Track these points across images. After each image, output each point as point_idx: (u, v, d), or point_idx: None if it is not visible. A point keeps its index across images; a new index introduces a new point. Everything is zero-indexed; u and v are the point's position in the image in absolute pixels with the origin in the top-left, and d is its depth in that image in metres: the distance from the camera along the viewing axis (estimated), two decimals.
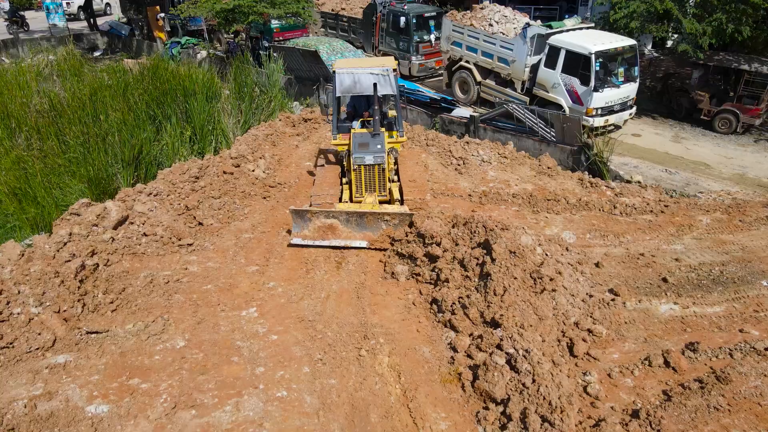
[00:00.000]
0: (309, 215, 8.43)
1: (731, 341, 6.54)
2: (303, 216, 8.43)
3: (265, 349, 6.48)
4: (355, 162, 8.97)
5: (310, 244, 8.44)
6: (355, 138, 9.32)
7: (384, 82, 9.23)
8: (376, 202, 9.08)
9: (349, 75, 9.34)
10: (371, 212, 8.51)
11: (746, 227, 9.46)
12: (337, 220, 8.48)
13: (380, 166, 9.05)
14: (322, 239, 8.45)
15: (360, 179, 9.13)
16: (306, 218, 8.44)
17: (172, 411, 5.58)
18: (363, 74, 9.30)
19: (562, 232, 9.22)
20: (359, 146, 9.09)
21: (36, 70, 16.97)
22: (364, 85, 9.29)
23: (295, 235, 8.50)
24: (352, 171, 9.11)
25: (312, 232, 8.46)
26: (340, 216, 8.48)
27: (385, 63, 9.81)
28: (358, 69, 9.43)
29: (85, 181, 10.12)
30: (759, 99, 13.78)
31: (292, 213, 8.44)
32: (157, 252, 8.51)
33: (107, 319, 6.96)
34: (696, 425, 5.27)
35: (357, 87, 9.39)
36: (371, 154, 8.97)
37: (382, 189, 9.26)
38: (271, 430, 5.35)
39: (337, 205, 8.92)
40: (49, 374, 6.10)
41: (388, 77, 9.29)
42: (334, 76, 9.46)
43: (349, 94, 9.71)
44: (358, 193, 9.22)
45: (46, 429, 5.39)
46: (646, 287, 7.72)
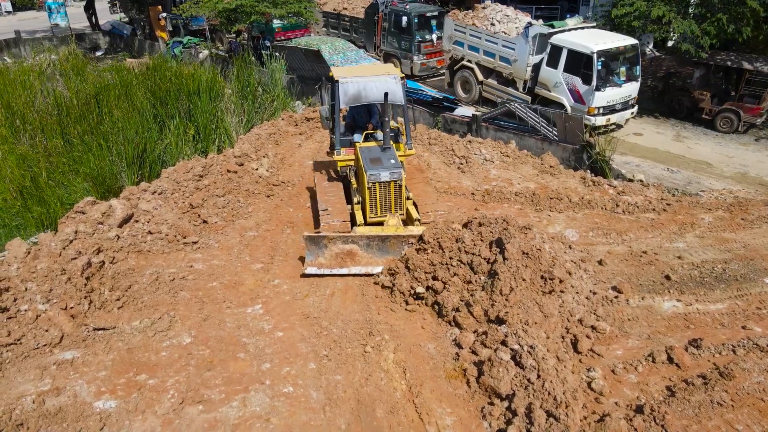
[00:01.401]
0: (325, 241, 7.68)
1: (734, 338, 6.58)
2: (318, 242, 7.66)
3: (271, 346, 6.52)
4: (370, 179, 8.02)
5: (327, 273, 7.70)
6: (363, 153, 8.55)
7: (394, 90, 8.48)
8: (400, 224, 8.24)
9: (354, 84, 8.55)
10: (395, 235, 7.78)
11: (748, 225, 9.50)
12: (357, 246, 7.75)
13: (397, 183, 8.13)
14: (339, 267, 7.69)
15: (375, 198, 8.17)
16: (321, 245, 7.67)
17: (179, 406, 5.63)
18: (370, 82, 8.56)
19: (564, 230, 9.26)
20: (371, 162, 8.26)
21: (39, 69, 17.02)
22: (371, 94, 8.54)
23: (309, 264, 7.70)
24: (365, 189, 8.13)
25: (328, 260, 7.72)
26: (359, 241, 7.77)
27: (389, 70, 9.18)
28: (363, 77, 8.67)
29: (89, 179, 10.16)
30: (760, 98, 13.79)
31: (306, 240, 7.61)
32: (163, 250, 8.56)
33: (114, 316, 7.01)
34: (700, 420, 5.31)
35: (363, 96, 8.57)
36: (387, 170, 8.08)
37: (399, 208, 8.34)
38: (278, 425, 5.40)
39: (357, 229, 8.14)
40: (56, 370, 6.14)
41: (397, 85, 8.60)
42: (336, 86, 8.59)
43: (355, 104, 8.79)
44: (373, 213, 8.29)
45: (55, 424, 5.43)
46: (649, 284, 7.76)
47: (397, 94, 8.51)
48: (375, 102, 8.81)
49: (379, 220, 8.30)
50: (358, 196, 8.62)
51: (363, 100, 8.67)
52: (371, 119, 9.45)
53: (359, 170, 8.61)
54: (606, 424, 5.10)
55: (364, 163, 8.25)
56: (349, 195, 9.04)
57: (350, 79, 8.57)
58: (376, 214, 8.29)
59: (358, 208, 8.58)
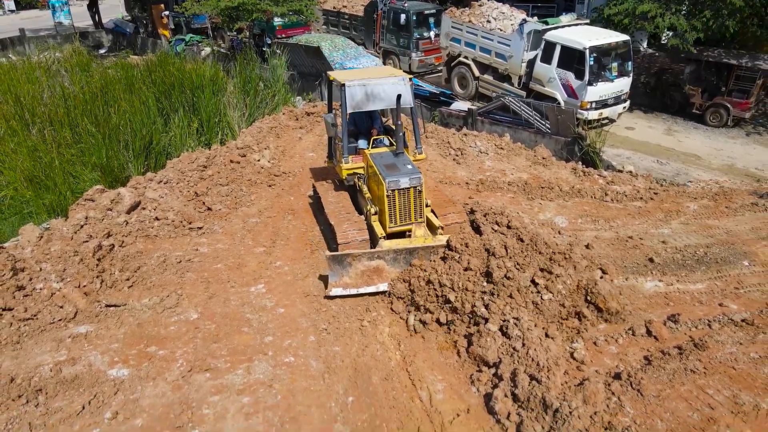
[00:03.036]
0: (350, 260, 7.17)
1: (711, 314, 6.96)
2: (342, 261, 7.15)
3: (273, 321, 6.91)
4: (389, 187, 7.50)
5: (353, 293, 7.20)
6: (375, 160, 8.08)
7: (404, 92, 8.08)
8: (427, 235, 7.84)
9: (361, 87, 8.08)
10: (423, 246, 7.35)
11: (731, 213, 9.87)
12: (383, 261, 7.27)
13: (416, 189, 7.65)
14: (366, 285, 7.20)
15: (395, 206, 7.66)
16: (345, 263, 7.17)
17: (188, 374, 6.01)
18: (378, 85, 8.12)
19: (554, 217, 9.64)
20: (387, 168, 7.80)
21: (45, 66, 17.41)
22: (379, 97, 8.12)
23: (334, 285, 7.17)
24: (384, 198, 7.58)
25: (354, 279, 7.19)
26: (386, 256, 7.27)
27: (395, 72, 8.82)
28: (370, 80, 8.19)
29: (98, 169, 10.54)
30: (748, 93, 14.17)
31: (329, 260, 7.10)
32: (169, 235, 8.94)
33: (124, 294, 7.39)
34: (673, 385, 5.69)
35: (371, 101, 8.14)
36: (406, 176, 7.61)
37: (419, 215, 7.84)
38: (281, 390, 5.78)
39: (383, 243, 7.59)
40: (71, 342, 6.52)
41: (406, 87, 8.21)
42: (342, 91, 8.09)
43: (363, 109, 8.30)
44: (393, 223, 7.75)
45: (72, 389, 5.82)
46: (633, 266, 8.14)
47: (407, 97, 8.15)
48: (385, 106, 8.40)
49: (400, 229, 7.83)
50: (373, 206, 8.04)
51: (371, 105, 8.22)
52: (374, 124, 9.13)
53: (372, 178, 8.15)
54: (585, 387, 5.48)
55: (380, 171, 7.76)
56: (357, 204, 8.71)
57: (357, 83, 8.12)
58: (396, 223, 7.77)
59: (375, 219, 7.99)
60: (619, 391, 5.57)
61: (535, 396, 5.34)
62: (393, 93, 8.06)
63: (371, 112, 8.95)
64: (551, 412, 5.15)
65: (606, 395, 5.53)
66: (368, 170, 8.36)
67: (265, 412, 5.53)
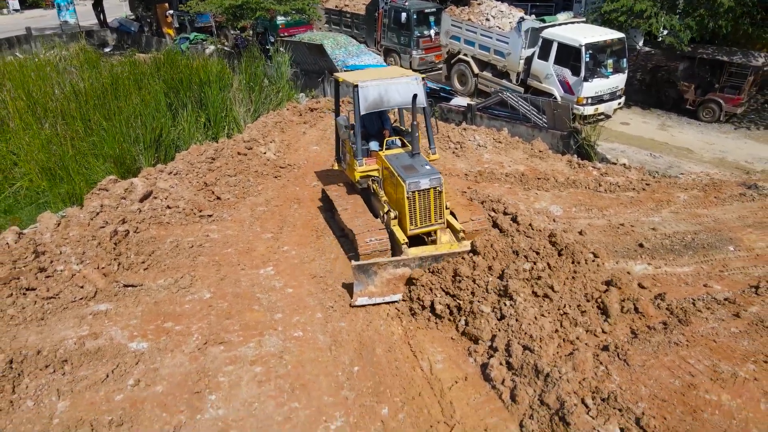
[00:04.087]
0: (375, 268, 7.09)
1: (695, 293, 7.37)
2: (367, 271, 7.08)
3: (282, 300, 7.31)
4: (410, 188, 7.43)
5: (379, 301, 7.11)
6: (391, 161, 7.98)
7: (418, 92, 8.04)
8: (453, 240, 7.82)
9: (375, 88, 8.00)
10: (449, 253, 7.25)
11: (720, 203, 10.27)
12: (409, 268, 7.20)
13: (437, 190, 7.58)
14: (392, 294, 7.14)
15: (415, 208, 7.57)
16: (371, 272, 7.09)
17: (203, 346, 6.42)
18: (391, 86, 8.06)
19: (550, 206, 10.04)
20: (405, 170, 7.71)
21: (53, 63, 17.82)
22: (393, 98, 8.08)
23: (359, 294, 7.07)
24: (404, 200, 7.51)
25: (379, 288, 7.12)
26: (411, 263, 7.21)
27: (406, 72, 8.75)
28: (383, 80, 8.12)
29: (111, 160, 10.94)
30: (740, 89, 14.59)
31: (355, 269, 7.00)
32: (181, 222, 9.34)
33: (140, 276, 7.80)
34: (657, 356, 6.09)
35: (385, 101, 8.07)
36: (426, 177, 7.53)
37: (440, 216, 7.77)
38: (290, 361, 6.19)
39: (408, 251, 7.49)
40: (93, 319, 6.92)
41: (419, 87, 8.16)
42: (355, 92, 7.99)
43: (376, 110, 8.23)
44: (413, 225, 7.67)
45: (95, 360, 6.22)
46: (624, 251, 8.54)
47: (420, 97, 8.06)
48: (398, 106, 8.38)
49: (421, 231, 7.77)
50: (391, 209, 7.91)
51: (385, 105, 8.15)
52: (384, 125, 9.06)
53: (388, 180, 8.08)
54: (575, 356, 5.89)
55: (398, 172, 7.68)
56: (371, 207, 8.62)
57: (370, 83, 8.03)
58: (417, 225, 7.69)
59: (395, 223, 7.87)
60: (607, 360, 5.98)
61: (528, 364, 5.74)
62: (405, 93, 8.06)
63: (381, 113, 8.88)
64: (542, 377, 5.55)
65: (594, 364, 5.94)
66: (383, 172, 8.26)
67: (277, 380, 5.94)
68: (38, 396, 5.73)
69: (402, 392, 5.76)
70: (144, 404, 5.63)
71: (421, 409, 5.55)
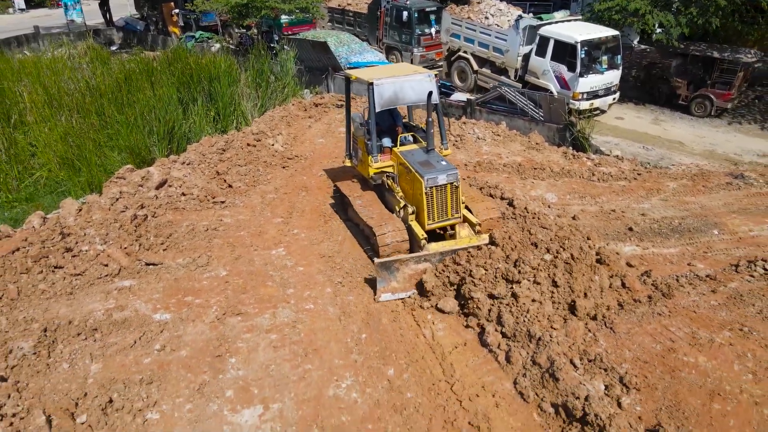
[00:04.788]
0: (397, 264, 7.25)
1: (679, 271, 7.89)
2: (389, 267, 7.24)
3: (294, 277, 7.84)
4: (428, 184, 7.59)
5: (402, 296, 7.33)
6: (407, 157, 8.14)
7: (433, 89, 8.22)
8: (472, 234, 7.97)
9: (390, 85, 8.13)
10: (470, 247, 7.36)
11: (707, 191, 10.78)
12: (430, 264, 7.40)
13: (453, 185, 7.75)
14: (414, 288, 7.37)
15: (432, 203, 7.74)
16: (393, 269, 7.25)
17: (222, 317, 6.94)
18: (405, 83, 8.22)
19: (545, 194, 10.56)
20: (422, 165, 7.87)
21: (65, 59, 18.35)
22: (407, 95, 8.24)
23: (382, 290, 7.26)
24: (422, 195, 7.66)
25: (401, 283, 7.31)
26: (432, 258, 7.40)
27: (419, 69, 8.89)
28: (397, 78, 8.27)
29: (127, 151, 11.47)
30: (730, 85, 15.09)
31: (378, 266, 7.16)
32: (195, 208, 9.86)
33: (160, 256, 8.31)
34: (641, 325, 6.61)
35: (400, 98, 8.23)
36: (443, 172, 7.69)
37: (456, 211, 7.94)
38: (303, 329, 6.71)
39: (429, 246, 7.67)
40: (118, 294, 7.45)
41: (432, 83, 8.28)
42: (370, 89, 8.13)
43: (391, 107, 8.45)
44: (431, 219, 7.84)
45: (123, 329, 6.74)
46: (614, 234, 9.06)
47: (434, 94, 8.25)
48: (412, 103, 8.52)
49: (439, 225, 7.96)
50: (409, 205, 8.07)
51: (399, 102, 8.33)
52: (396, 122, 9.25)
53: (404, 176, 8.27)
54: (566, 324, 6.41)
55: (415, 168, 7.85)
56: (385, 203, 8.78)
57: (385, 80, 8.15)
58: (434, 220, 7.87)
59: (412, 218, 8.02)
60: (595, 328, 6.51)
61: (521, 330, 6.26)
62: (419, 90, 8.22)
63: (392, 110, 9.08)
64: (535, 341, 6.08)
65: (584, 331, 6.46)
66: (398, 168, 8.41)
67: (291, 346, 6.46)
68: (73, 359, 6.25)
69: (406, 356, 6.29)
70: (170, 366, 6.16)
71: (423, 370, 6.07)
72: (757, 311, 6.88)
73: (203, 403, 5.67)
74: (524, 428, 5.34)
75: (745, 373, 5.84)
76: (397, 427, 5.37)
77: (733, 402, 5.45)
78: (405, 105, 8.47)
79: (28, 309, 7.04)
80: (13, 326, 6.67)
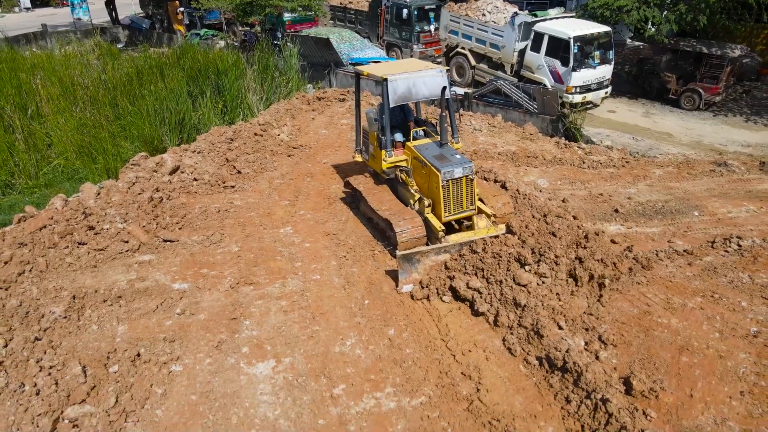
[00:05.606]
0: (418, 256, 7.44)
1: (659, 247, 8.48)
2: (410, 259, 7.40)
3: (301, 252, 8.44)
4: (445, 177, 7.79)
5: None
6: (422, 151, 8.34)
7: (445, 84, 8.42)
8: (489, 225, 8.19)
9: (404, 81, 8.31)
10: (488, 237, 7.62)
11: (692, 178, 11.38)
12: (449, 254, 7.60)
13: (469, 178, 7.94)
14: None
15: (449, 196, 7.94)
16: (414, 260, 7.43)
17: (236, 285, 7.54)
18: (419, 78, 8.40)
19: (537, 179, 11.15)
20: (437, 159, 8.06)
21: (77, 55, 18.96)
22: (420, 91, 8.44)
23: (404, 282, 7.45)
24: (438, 188, 7.85)
25: (422, 274, 7.49)
26: (452, 249, 7.59)
27: (430, 65, 9.07)
28: (410, 74, 8.44)
29: (140, 141, 12.07)
30: (718, 79, 15.69)
31: (401, 259, 7.33)
32: (207, 192, 10.46)
33: (176, 233, 8.91)
34: (621, 293, 7.21)
35: (413, 94, 8.42)
36: (459, 165, 7.87)
37: (471, 203, 8.13)
38: (310, 296, 7.31)
39: (449, 238, 7.91)
40: (138, 267, 8.04)
41: (444, 79, 8.49)
42: (384, 85, 8.28)
43: (405, 102, 8.63)
44: (447, 212, 8.03)
45: (146, 296, 7.34)
46: (601, 215, 9.65)
47: (447, 89, 8.42)
48: (425, 98, 8.73)
49: (455, 218, 8.14)
50: (425, 198, 8.28)
51: (413, 98, 8.49)
52: (407, 117, 9.42)
53: (418, 170, 8.46)
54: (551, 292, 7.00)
55: (431, 162, 8.04)
56: (399, 197, 8.96)
57: (399, 76, 8.32)
58: (451, 212, 8.06)
59: (429, 211, 8.23)
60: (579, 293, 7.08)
61: (507, 299, 6.84)
62: (432, 85, 8.46)
63: (404, 106, 9.25)
64: (520, 308, 6.66)
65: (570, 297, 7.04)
66: (412, 162, 8.62)
67: (300, 311, 7.06)
68: (101, 322, 6.85)
69: (405, 318, 6.89)
70: (190, 327, 6.76)
71: (421, 330, 6.67)
72: (728, 281, 7.48)
73: (221, 357, 6.27)
74: (511, 378, 5.94)
75: (712, 332, 6.44)
76: (397, 377, 5.97)
77: (699, 355, 6.04)
78: (418, 100, 8.55)
79: (57, 279, 7.64)
80: (44, 294, 7.26)
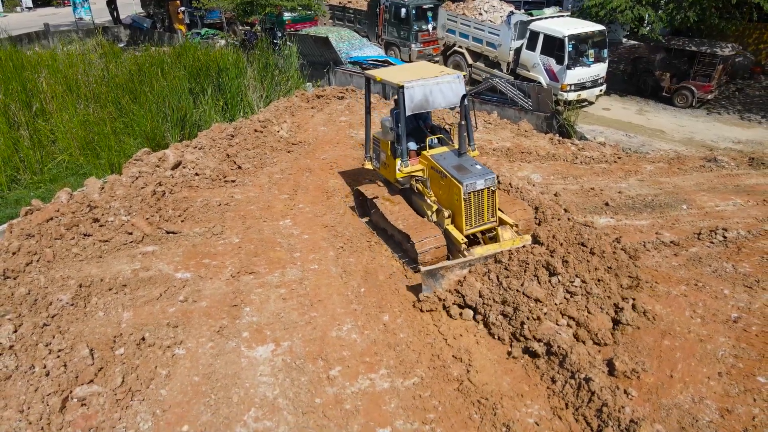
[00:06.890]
0: (442, 271, 7.17)
1: (647, 239, 8.75)
2: (434, 274, 7.15)
3: (300, 243, 8.71)
4: (467, 189, 7.46)
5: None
6: (440, 161, 7.98)
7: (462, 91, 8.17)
8: (515, 236, 7.89)
9: (420, 89, 7.97)
10: (513, 249, 7.30)
11: (682, 173, 11.64)
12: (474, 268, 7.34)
13: (491, 189, 7.63)
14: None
15: (471, 208, 7.63)
16: (438, 275, 7.16)
17: (237, 275, 7.81)
18: (436, 85, 8.06)
19: (531, 174, 11.42)
20: (458, 170, 7.70)
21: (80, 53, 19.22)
22: (437, 99, 8.09)
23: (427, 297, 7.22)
24: (460, 201, 7.52)
25: (446, 289, 7.24)
26: (477, 262, 7.32)
27: (446, 70, 8.76)
28: (427, 80, 8.07)
29: (142, 137, 12.34)
30: (710, 77, 15.96)
31: (425, 274, 7.07)
32: (208, 186, 10.73)
33: (178, 226, 9.17)
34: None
35: (430, 102, 8.08)
36: (481, 177, 7.53)
37: (492, 215, 7.83)
38: (309, 284, 7.58)
39: (473, 251, 7.60)
40: (142, 257, 8.31)
41: (461, 85, 8.23)
42: (401, 93, 7.90)
43: (421, 111, 8.22)
44: (469, 225, 7.71)
45: (150, 284, 7.61)
46: (592, 208, 9.92)
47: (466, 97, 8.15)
48: (443, 107, 8.44)
49: (476, 230, 7.87)
50: (443, 209, 7.96)
51: (430, 107, 8.17)
52: (423, 122, 9.12)
53: (436, 181, 8.10)
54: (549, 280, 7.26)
55: (451, 173, 7.69)
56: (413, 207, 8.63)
57: (416, 83, 7.98)
58: (472, 225, 7.75)
59: (448, 222, 7.92)
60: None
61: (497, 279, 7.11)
62: (449, 93, 8.13)
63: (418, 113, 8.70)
64: (511, 306, 6.92)
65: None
66: (429, 172, 8.25)
67: (298, 298, 7.33)
68: (107, 309, 7.12)
69: (399, 305, 7.16)
70: (193, 314, 7.03)
71: (414, 316, 6.94)
72: (712, 270, 7.75)
73: (223, 341, 6.54)
74: (500, 360, 6.21)
75: (694, 318, 6.71)
76: (391, 359, 6.24)
77: (680, 339, 6.31)
78: (435, 108, 8.34)
79: (63, 269, 7.91)
80: (51, 283, 7.53)
